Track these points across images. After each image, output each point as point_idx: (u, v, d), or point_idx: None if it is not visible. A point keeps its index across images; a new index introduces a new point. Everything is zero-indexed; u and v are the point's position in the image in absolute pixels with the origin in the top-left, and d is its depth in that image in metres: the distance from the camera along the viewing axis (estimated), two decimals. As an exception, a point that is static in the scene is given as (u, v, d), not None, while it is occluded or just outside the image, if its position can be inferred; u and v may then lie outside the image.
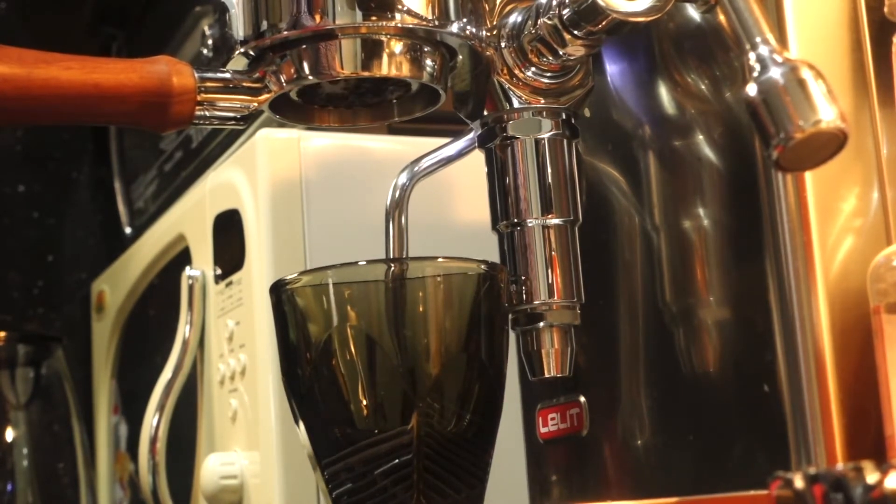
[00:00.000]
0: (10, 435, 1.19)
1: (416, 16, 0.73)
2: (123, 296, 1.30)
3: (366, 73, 0.74)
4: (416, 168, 0.83)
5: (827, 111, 0.58)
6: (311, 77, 0.74)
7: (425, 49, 0.75)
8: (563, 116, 0.77)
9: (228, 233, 1.03)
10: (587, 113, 0.81)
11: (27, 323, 1.49)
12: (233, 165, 1.04)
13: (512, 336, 0.76)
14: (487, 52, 0.77)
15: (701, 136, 0.73)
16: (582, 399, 0.80)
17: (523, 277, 0.75)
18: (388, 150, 0.99)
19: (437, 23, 0.74)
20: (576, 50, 0.74)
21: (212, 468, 0.97)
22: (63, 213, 1.54)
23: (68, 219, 1.54)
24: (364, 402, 0.70)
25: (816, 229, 0.66)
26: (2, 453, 1.18)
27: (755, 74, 0.60)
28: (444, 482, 0.71)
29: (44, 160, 1.54)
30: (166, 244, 1.17)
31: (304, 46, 0.74)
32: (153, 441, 1.04)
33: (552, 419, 0.82)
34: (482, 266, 0.73)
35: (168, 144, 1.28)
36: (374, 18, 0.73)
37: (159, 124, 0.74)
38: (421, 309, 0.71)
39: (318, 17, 0.73)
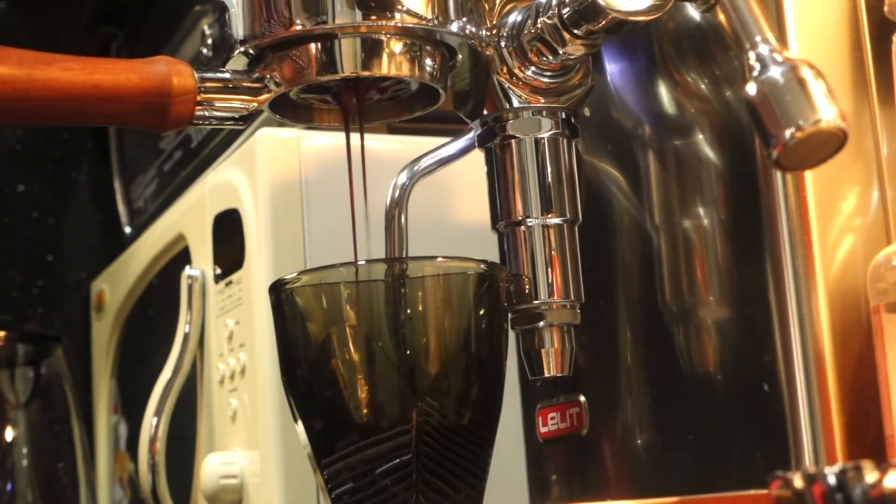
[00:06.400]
0: (9, 435, 1.19)
1: (415, 15, 0.73)
2: (123, 295, 1.30)
3: (366, 73, 0.74)
4: (415, 167, 0.83)
5: (827, 110, 0.58)
6: (310, 77, 0.74)
7: (425, 48, 0.75)
8: (563, 116, 0.77)
9: (228, 232, 1.03)
10: (587, 112, 0.81)
11: (27, 322, 1.49)
12: (232, 165, 1.04)
13: (512, 335, 0.76)
14: (487, 52, 0.77)
15: (701, 136, 0.73)
16: (582, 399, 0.80)
17: (523, 277, 0.75)
18: (388, 150, 0.98)
19: (436, 22, 0.74)
20: (575, 49, 0.74)
21: (211, 468, 0.97)
22: (63, 212, 1.54)
23: (68, 218, 1.54)
24: (363, 402, 0.70)
25: (816, 229, 0.66)
26: (1, 453, 1.18)
27: (755, 74, 0.60)
28: (443, 481, 0.71)
29: (43, 160, 1.54)
30: (166, 244, 1.17)
31: (303, 46, 0.74)
32: (153, 440, 1.04)
33: (552, 419, 0.82)
34: (482, 266, 0.73)
35: (168, 144, 1.28)
36: (373, 18, 0.73)
37: (159, 125, 0.74)
38: (420, 308, 0.71)
39: (317, 17, 0.73)
